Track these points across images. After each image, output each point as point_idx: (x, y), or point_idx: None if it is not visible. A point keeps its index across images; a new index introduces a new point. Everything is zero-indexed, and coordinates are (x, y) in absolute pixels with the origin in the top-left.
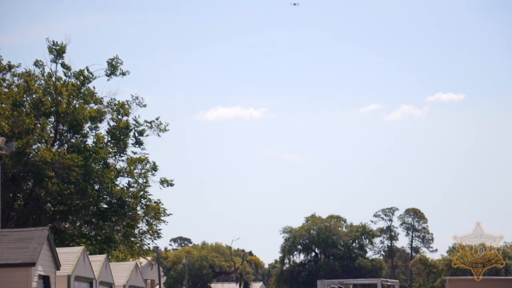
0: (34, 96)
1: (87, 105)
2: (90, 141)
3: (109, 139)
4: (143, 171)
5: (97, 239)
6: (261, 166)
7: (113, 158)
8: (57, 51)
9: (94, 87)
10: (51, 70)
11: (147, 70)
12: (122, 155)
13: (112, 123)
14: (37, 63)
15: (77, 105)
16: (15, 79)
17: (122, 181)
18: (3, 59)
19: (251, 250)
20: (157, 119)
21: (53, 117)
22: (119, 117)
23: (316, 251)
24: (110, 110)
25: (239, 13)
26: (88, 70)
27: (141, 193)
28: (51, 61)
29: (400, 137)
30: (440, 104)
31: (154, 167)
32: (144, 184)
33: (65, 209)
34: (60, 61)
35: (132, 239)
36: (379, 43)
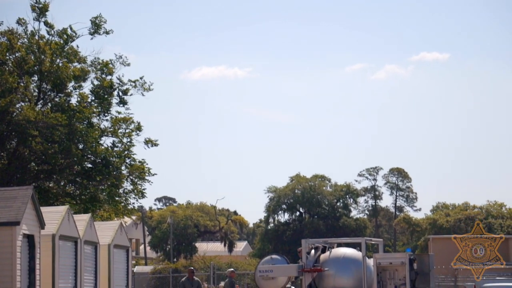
0: (17, 54)
1: (70, 64)
2: (74, 100)
3: (93, 98)
4: (127, 131)
5: (82, 198)
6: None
7: (97, 117)
8: (40, 9)
9: (77, 46)
10: (34, 28)
11: (130, 29)
12: (106, 114)
13: (96, 82)
14: (20, 21)
15: (60, 64)
16: None
17: (106, 141)
18: None
19: (236, 209)
20: (141, 78)
21: (36, 76)
22: (103, 76)
23: (300, 210)
24: (94, 69)
25: None
26: (71, 28)
27: (126, 152)
28: (34, 19)
29: (385, 97)
30: (424, 63)
31: (138, 127)
32: (128, 143)
33: (49, 168)
34: (43, 19)
35: (116, 198)
36: (364, 1)
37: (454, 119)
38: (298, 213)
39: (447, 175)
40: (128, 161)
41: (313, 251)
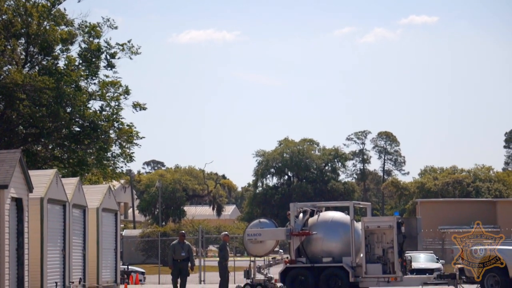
0: (4, 17)
1: (58, 27)
2: (61, 64)
3: (81, 61)
4: (115, 95)
5: (70, 162)
6: (234, 89)
7: (85, 81)
8: None
9: (64, 9)
10: None
11: None
12: (94, 78)
13: (83, 46)
14: None
15: (47, 27)
16: None
17: (94, 105)
18: None
19: (224, 173)
20: (129, 42)
21: (23, 38)
22: (91, 39)
23: (289, 174)
24: (81, 32)
25: None
26: None
27: (114, 116)
28: None
29: (373, 61)
30: (413, 26)
31: (126, 91)
32: (116, 107)
33: (37, 131)
34: None
35: (105, 162)
36: None
37: (442, 82)
38: (286, 177)
39: (435, 139)
40: (116, 124)
41: (301, 214)
